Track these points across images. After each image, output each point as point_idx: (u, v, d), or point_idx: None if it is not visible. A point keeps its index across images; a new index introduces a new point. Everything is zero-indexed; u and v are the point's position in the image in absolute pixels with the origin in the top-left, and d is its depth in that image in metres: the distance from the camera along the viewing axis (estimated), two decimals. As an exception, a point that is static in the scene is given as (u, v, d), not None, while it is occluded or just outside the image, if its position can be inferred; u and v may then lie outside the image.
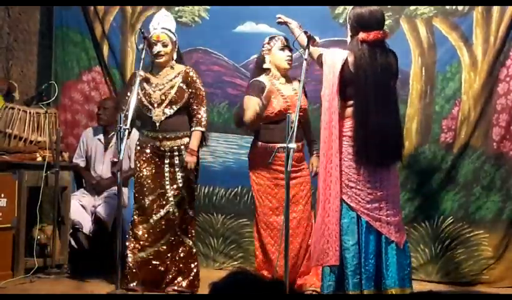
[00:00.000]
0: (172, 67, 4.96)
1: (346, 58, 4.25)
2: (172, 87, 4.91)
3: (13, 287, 4.98)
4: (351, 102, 4.27)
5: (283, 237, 4.09)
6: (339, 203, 4.17)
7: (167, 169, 4.89)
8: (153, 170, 4.89)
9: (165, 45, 4.90)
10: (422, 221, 5.69)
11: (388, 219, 4.23)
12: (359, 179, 4.19)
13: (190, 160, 4.80)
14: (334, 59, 4.27)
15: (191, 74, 4.94)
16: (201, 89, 4.94)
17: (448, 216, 5.65)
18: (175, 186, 4.90)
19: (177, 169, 4.90)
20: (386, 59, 4.26)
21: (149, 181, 4.90)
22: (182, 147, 4.89)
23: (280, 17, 4.74)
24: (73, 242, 5.60)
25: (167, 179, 4.89)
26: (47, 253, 5.48)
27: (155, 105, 4.88)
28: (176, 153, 4.90)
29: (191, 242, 4.96)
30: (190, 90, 4.91)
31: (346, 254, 4.16)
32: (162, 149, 4.87)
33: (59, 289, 4.96)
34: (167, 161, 4.88)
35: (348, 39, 4.37)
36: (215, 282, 1.93)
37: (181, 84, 4.91)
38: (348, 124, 4.25)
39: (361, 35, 4.22)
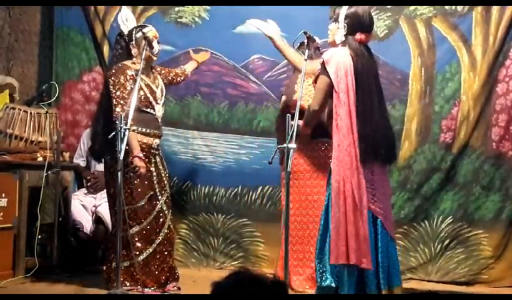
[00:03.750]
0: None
1: (350, 54, 4.14)
2: (162, 85, 5.02)
3: (13, 286, 4.99)
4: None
5: (283, 236, 4.11)
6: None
7: (153, 169, 4.88)
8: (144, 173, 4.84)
9: (158, 43, 4.94)
10: (421, 221, 5.70)
11: (388, 216, 4.19)
12: (366, 179, 4.08)
13: None
14: (343, 57, 4.12)
15: (158, 68, 5.15)
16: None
17: (448, 216, 5.66)
18: (162, 185, 4.92)
19: (160, 167, 4.92)
20: (375, 61, 4.28)
21: (142, 184, 4.83)
22: (159, 145, 4.99)
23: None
24: (74, 242, 5.61)
25: (155, 178, 4.89)
26: (47, 253, 5.50)
27: (158, 101, 4.91)
28: (157, 152, 4.93)
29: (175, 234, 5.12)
30: (165, 75, 5.16)
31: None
32: (153, 146, 4.88)
33: (59, 289, 4.97)
34: (153, 160, 4.89)
35: (339, 38, 4.19)
36: (217, 282, 1.94)
37: (162, 82, 5.05)
38: None
39: (360, 35, 4.15)
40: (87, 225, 5.63)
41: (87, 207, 5.69)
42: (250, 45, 5.94)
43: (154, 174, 4.87)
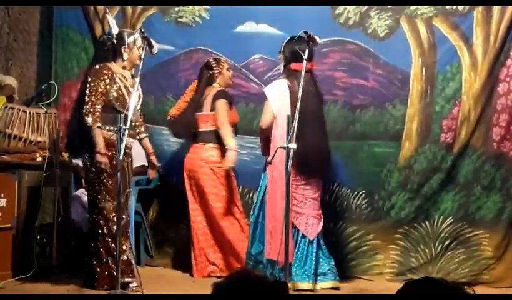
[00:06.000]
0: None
1: (287, 83, 4.97)
2: (141, 92, 5.03)
3: (13, 287, 4.98)
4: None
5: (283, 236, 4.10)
6: None
7: (126, 167, 4.91)
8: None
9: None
10: (422, 221, 5.69)
11: (309, 221, 5.01)
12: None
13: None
14: (280, 88, 5.00)
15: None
16: None
17: (448, 216, 5.65)
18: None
19: (130, 168, 5.00)
20: (315, 87, 5.03)
21: (122, 181, 4.81)
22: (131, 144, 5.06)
23: None
24: (73, 243, 5.59)
25: (128, 175, 4.93)
26: (46, 253, 5.48)
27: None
28: (129, 151, 4.99)
29: None
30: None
31: None
32: (128, 146, 4.88)
33: (59, 289, 4.96)
34: (126, 160, 4.89)
35: (281, 68, 5.09)
36: (217, 283, 1.93)
37: (140, 89, 5.03)
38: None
39: (293, 65, 4.93)
40: (86, 225, 5.59)
41: (86, 207, 5.66)
42: (250, 45, 5.93)
43: (126, 171, 4.90)
